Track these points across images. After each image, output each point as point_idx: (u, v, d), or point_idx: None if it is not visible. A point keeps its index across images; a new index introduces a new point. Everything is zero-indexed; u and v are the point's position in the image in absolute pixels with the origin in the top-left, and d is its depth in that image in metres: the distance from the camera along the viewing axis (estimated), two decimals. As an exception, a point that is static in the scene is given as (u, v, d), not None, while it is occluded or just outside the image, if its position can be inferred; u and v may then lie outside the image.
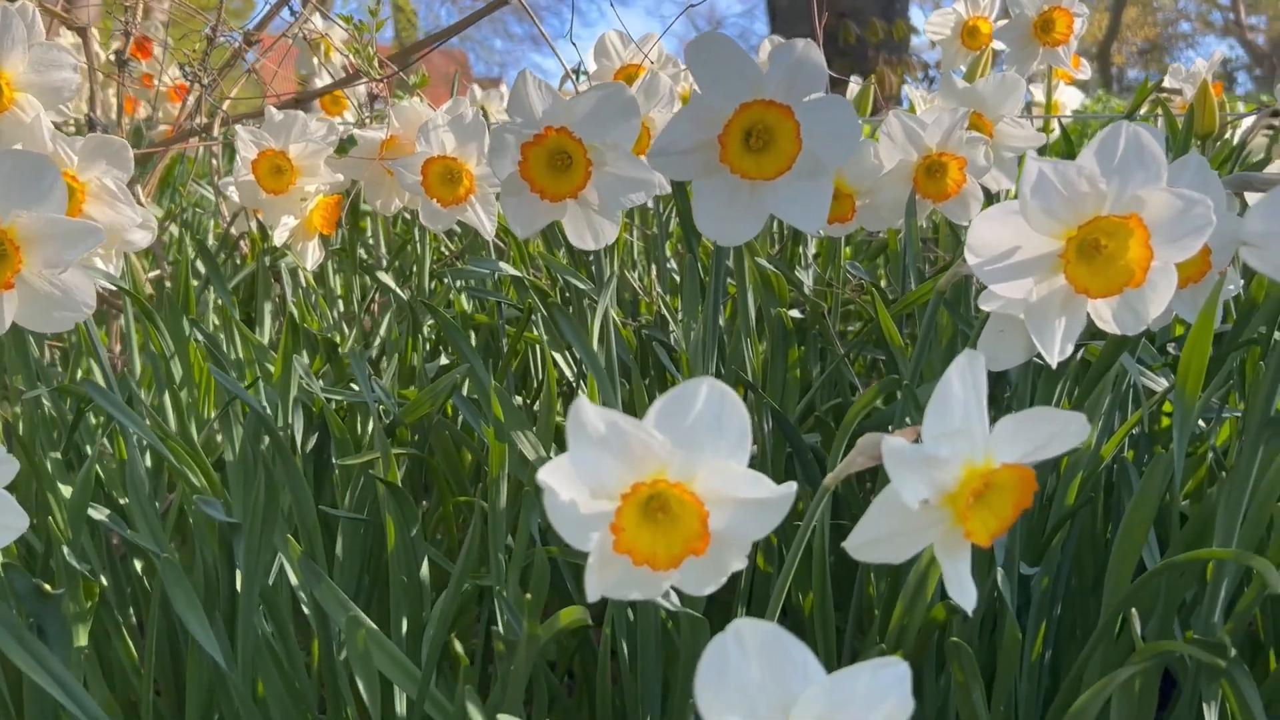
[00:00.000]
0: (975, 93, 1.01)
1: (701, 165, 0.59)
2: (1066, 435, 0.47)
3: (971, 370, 0.46)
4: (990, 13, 1.36)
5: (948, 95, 1.02)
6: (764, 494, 0.47)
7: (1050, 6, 1.13)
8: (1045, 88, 1.34)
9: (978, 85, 1.01)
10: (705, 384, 0.47)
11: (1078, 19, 1.13)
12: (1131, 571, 0.69)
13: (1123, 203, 0.55)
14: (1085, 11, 1.15)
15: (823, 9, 3.74)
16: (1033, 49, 1.15)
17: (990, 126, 1.01)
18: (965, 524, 0.44)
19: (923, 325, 0.70)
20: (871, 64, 3.66)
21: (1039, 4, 1.13)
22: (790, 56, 0.56)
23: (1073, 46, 1.16)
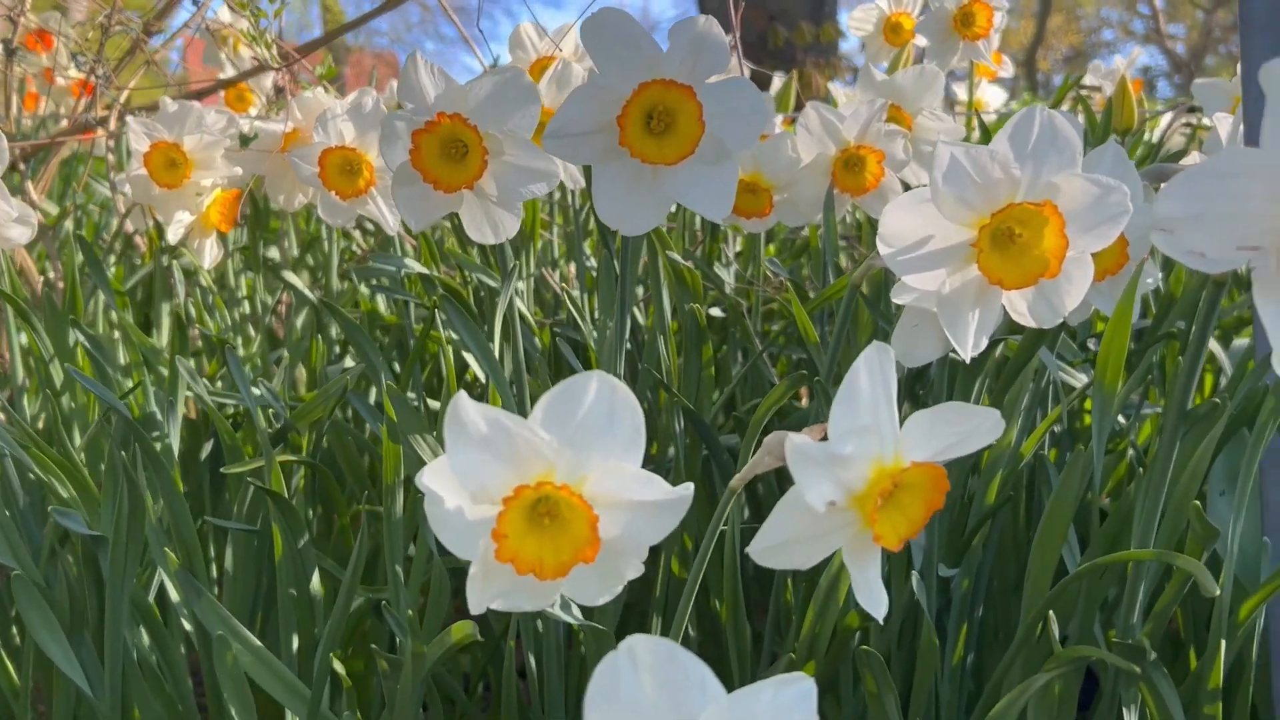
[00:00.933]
0: (894, 85, 0.99)
1: (601, 149, 0.56)
2: (980, 432, 0.44)
3: (880, 365, 0.43)
4: (913, 8, 1.35)
5: (866, 87, 1.00)
6: (658, 496, 0.44)
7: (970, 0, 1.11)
8: (968, 85, 1.33)
9: (896, 78, 0.99)
10: (595, 378, 0.44)
11: (998, 13, 1.12)
12: (1051, 573, 0.67)
13: (1037, 189, 0.52)
14: (1005, 5, 1.14)
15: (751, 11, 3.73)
16: (953, 43, 1.13)
17: (909, 120, 0.99)
18: (874, 526, 0.42)
19: (837, 321, 0.68)
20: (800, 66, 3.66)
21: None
22: (690, 33, 0.53)
23: (993, 42, 1.15)
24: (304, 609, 0.71)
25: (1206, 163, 0.40)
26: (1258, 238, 0.40)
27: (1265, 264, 0.40)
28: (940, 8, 1.13)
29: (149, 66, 1.28)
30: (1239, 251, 0.41)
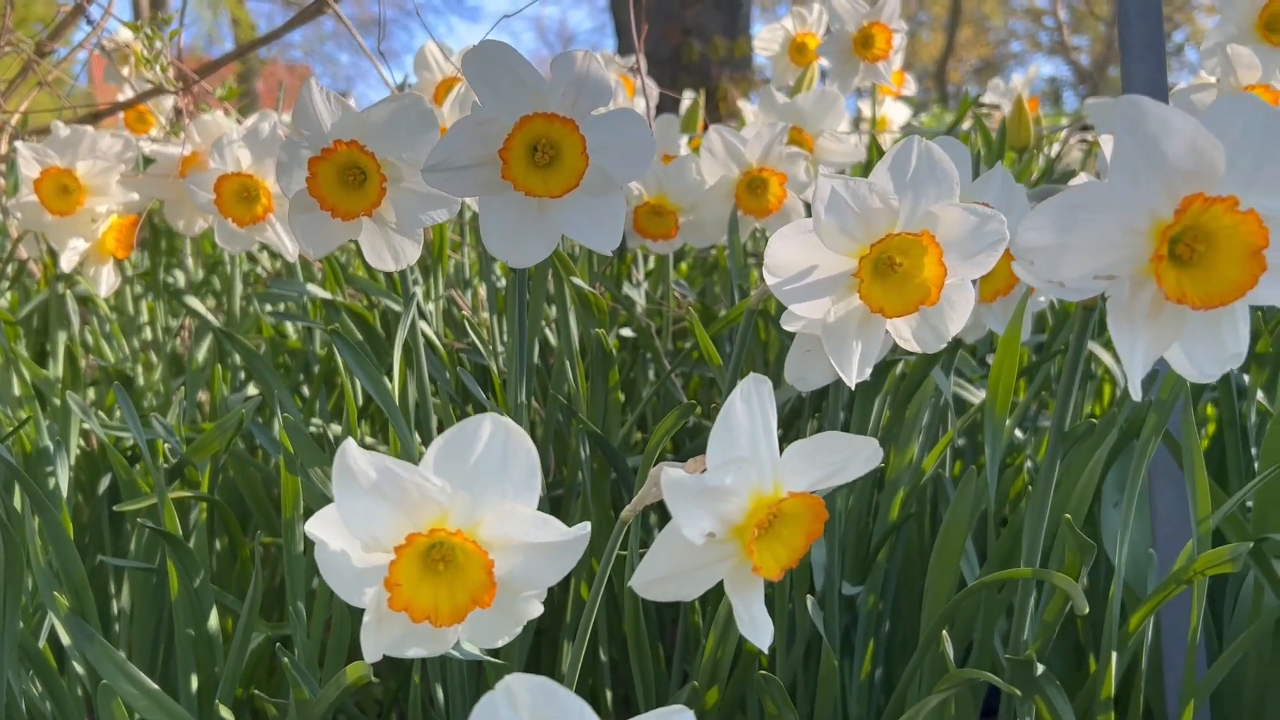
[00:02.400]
0: (795, 107, 1.01)
1: (484, 182, 0.56)
2: (859, 460, 0.45)
3: (758, 396, 0.44)
4: (818, 29, 1.37)
5: (768, 110, 1.02)
6: (554, 537, 0.44)
7: (870, 22, 1.14)
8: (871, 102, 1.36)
9: (797, 100, 1.01)
10: (488, 421, 0.44)
11: (897, 35, 1.14)
12: (949, 588, 0.69)
13: (916, 219, 0.54)
14: (904, 28, 1.16)
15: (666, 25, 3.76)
16: (854, 64, 1.16)
17: (811, 141, 1.01)
18: (753, 557, 0.42)
19: (735, 344, 0.69)
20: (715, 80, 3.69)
21: (859, 20, 1.14)
22: (571, 69, 0.54)
23: (893, 63, 1.18)
24: (203, 648, 0.70)
25: (1063, 195, 0.42)
26: (1113, 267, 0.42)
27: (1120, 293, 0.42)
28: (840, 30, 1.15)
29: (44, 87, 1.25)
30: (1096, 280, 0.42)
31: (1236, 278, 0.41)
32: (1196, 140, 0.40)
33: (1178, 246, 0.42)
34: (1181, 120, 0.40)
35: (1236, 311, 0.43)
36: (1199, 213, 0.40)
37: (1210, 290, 0.41)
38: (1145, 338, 0.42)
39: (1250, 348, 1.01)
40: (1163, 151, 0.40)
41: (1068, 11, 12.47)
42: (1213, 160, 0.40)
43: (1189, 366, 0.44)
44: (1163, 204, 0.41)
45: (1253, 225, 0.40)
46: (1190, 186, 0.40)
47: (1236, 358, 0.44)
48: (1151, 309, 0.42)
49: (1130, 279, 0.42)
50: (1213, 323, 0.43)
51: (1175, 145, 0.40)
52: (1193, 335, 0.43)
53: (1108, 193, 0.41)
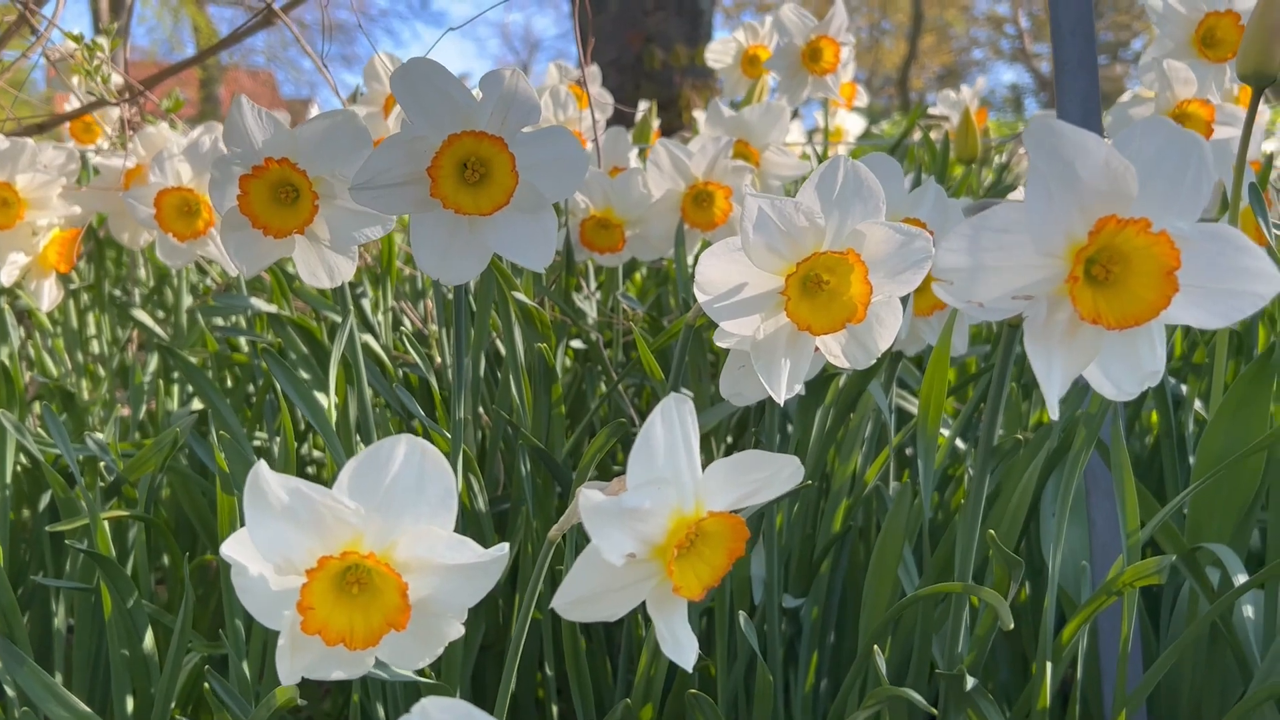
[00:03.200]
0: (742, 121, 1.01)
1: (414, 200, 0.55)
2: (780, 479, 0.45)
3: (678, 415, 0.44)
4: (769, 42, 1.38)
5: (715, 123, 1.02)
6: (471, 559, 0.44)
7: (817, 36, 1.14)
8: (824, 114, 1.37)
9: (744, 114, 1.01)
10: (403, 442, 0.43)
11: (845, 48, 1.15)
12: (887, 600, 0.69)
13: (843, 237, 0.54)
14: (851, 41, 1.17)
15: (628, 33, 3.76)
16: (802, 78, 1.16)
17: (757, 155, 1.02)
18: (673, 578, 0.42)
19: (674, 360, 0.69)
20: (678, 88, 3.70)
21: (807, 34, 1.15)
22: (499, 87, 0.54)
23: (842, 76, 1.18)
24: (138, 669, 0.69)
25: (980, 216, 0.42)
26: (1030, 288, 0.42)
27: (1037, 314, 0.42)
28: (789, 44, 1.15)
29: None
30: (1014, 301, 0.43)
31: (1150, 298, 0.42)
32: (1110, 163, 0.41)
33: (1093, 268, 0.42)
34: (1095, 143, 0.40)
35: (1153, 330, 0.44)
36: (1113, 234, 0.41)
37: (1125, 310, 0.42)
38: (1062, 358, 0.43)
39: (1188, 358, 1.03)
40: (1077, 174, 0.41)
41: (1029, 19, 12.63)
42: (1126, 182, 0.41)
43: (1108, 385, 0.44)
44: (1077, 225, 0.41)
45: (1165, 247, 0.41)
46: (1104, 208, 0.41)
47: (1154, 375, 0.44)
48: (1068, 329, 0.43)
49: (1047, 299, 0.42)
50: (1129, 342, 0.44)
51: (1089, 168, 0.41)
52: (1110, 354, 0.44)
53: (1023, 214, 0.41)
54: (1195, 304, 0.42)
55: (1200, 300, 0.42)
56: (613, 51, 4.11)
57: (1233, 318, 0.42)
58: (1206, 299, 0.42)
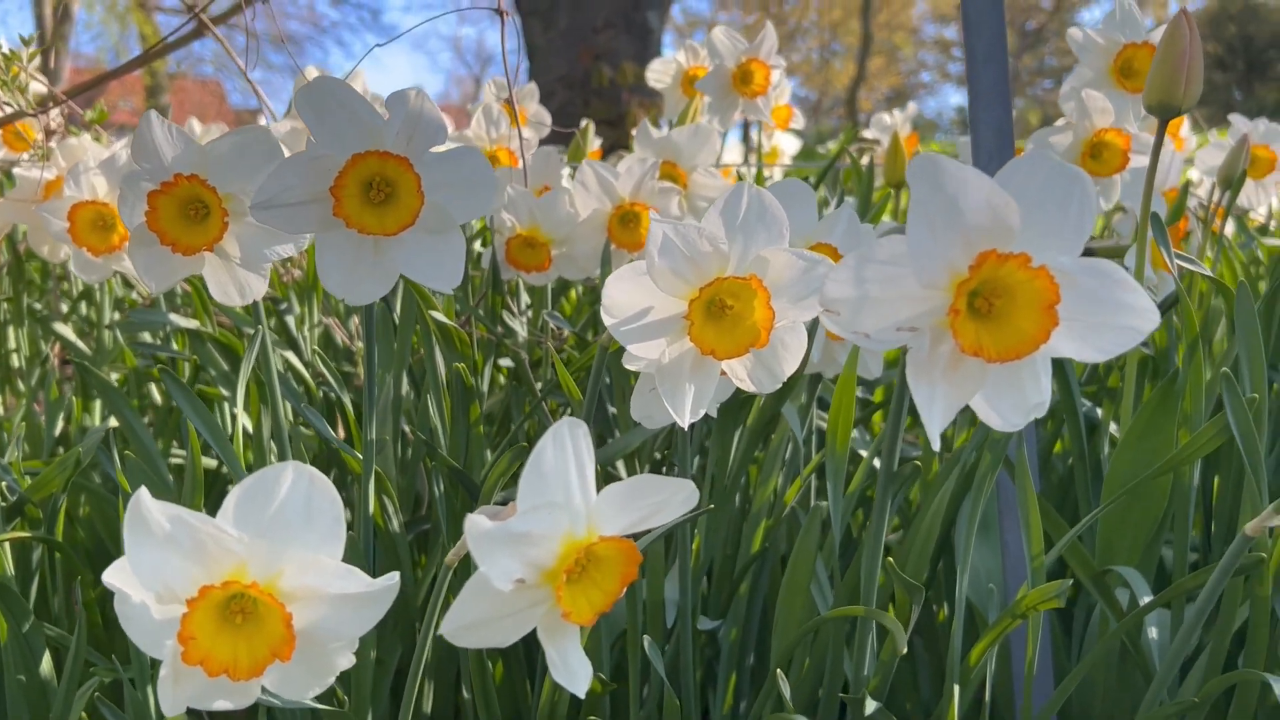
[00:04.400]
0: (670, 142, 1.02)
1: (318, 219, 0.55)
2: (675, 503, 0.45)
3: (571, 438, 0.43)
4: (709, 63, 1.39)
5: (644, 144, 1.02)
6: (359, 589, 0.43)
7: (748, 59, 1.15)
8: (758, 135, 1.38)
9: (672, 135, 1.02)
10: (290, 469, 0.43)
11: (775, 71, 1.16)
12: (799, 621, 0.70)
13: (747, 263, 0.54)
14: (782, 64, 1.18)
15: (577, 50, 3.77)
16: (733, 100, 1.17)
17: (685, 176, 1.02)
18: (562, 604, 0.42)
19: (590, 379, 0.69)
20: (626, 106, 3.72)
21: (737, 56, 1.16)
22: (405, 108, 0.53)
23: (776, 98, 1.19)
24: (35, 694, 0.67)
25: (868, 249, 0.43)
26: (914, 320, 0.43)
27: (920, 345, 0.43)
28: (720, 66, 1.16)
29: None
30: (899, 332, 0.43)
31: (1031, 331, 0.42)
32: (991, 198, 0.41)
33: (976, 300, 0.43)
34: (977, 178, 0.41)
35: (1037, 363, 0.44)
36: (994, 268, 0.42)
37: (1006, 344, 0.42)
38: (944, 390, 0.43)
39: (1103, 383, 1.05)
40: (959, 208, 0.41)
41: (977, 43, 12.82)
42: (1007, 217, 0.42)
43: (994, 416, 0.45)
44: (959, 259, 0.42)
45: (1045, 281, 0.42)
46: (986, 242, 0.42)
47: (1039, 407, 0.45)
48: (950, 362, 0.43)
49: (931, 331, 0.43)
50: (1014, 374, 0.44)
51: (971, 202, 0.41)
52: (995, 386, 0.44)
53: (907, 247, 0.42)
54: (1077, 337, 0.43)
55: (1082, 334, 0.43)
56: (562, 68, 4.12)
57: (1112, 352, 0.43)
58: (1088, 333, 0.43)
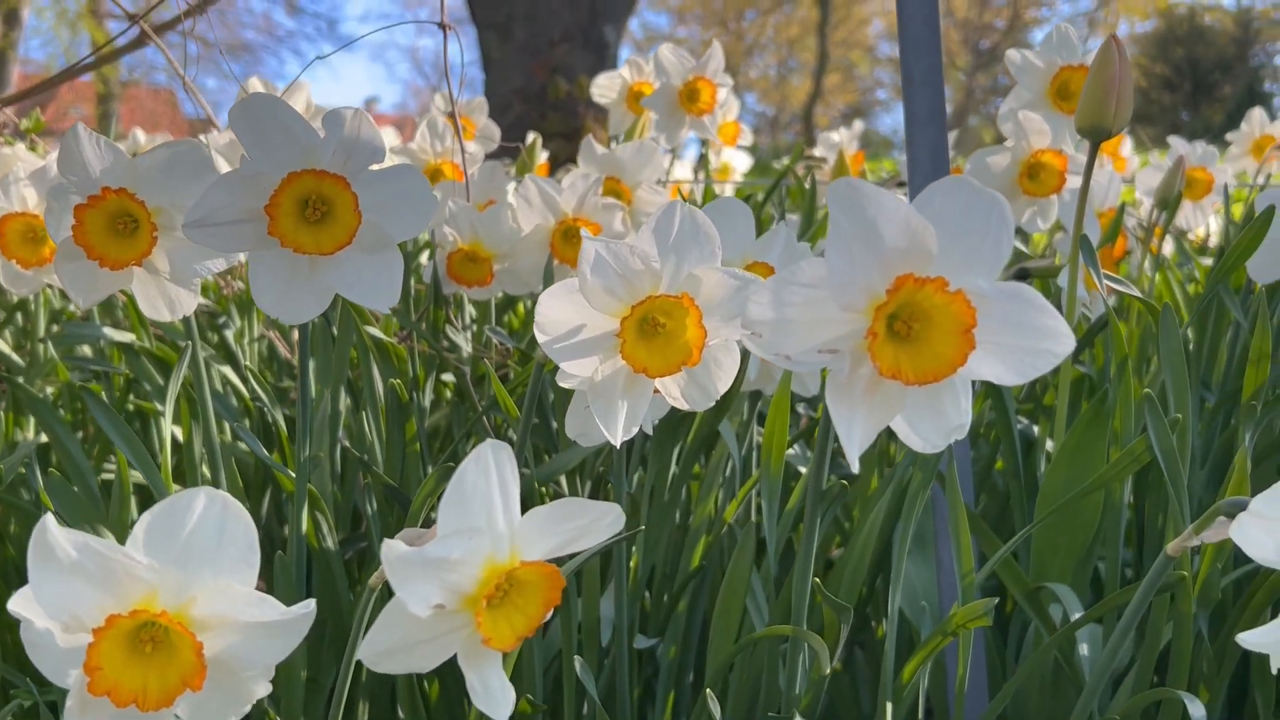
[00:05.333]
0: (614, 159, 1.02)
1: (252, 238, 0.54)
2: (600, 526, 0.45)
3: (494, 461, 0.43)
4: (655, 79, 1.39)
5: (588, 160, 1.03)
6: (273, 617, 0.43)
7: (695, 76, 1.16)
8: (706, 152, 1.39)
9: (617, 151, 1.02)
10: (202, 495, 0.42)
11: (722, 89, 1.17)
12: (732, 639, 0.70)
13: (679, 282, 0.54)
14: (729, 83, 1.19)
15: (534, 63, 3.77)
16: (680, 117, 1.18)
17: (629, 193, 1.02)
18: (482, 629, 0.42)
19: (526, 397, 0.68)
20: (582, 119, 3.73)
21: (684, 74, 1.17)
22: (341, 127, 0.53)
23: (719, 116, 1.20)
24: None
25: (786, 271, 0.43)
26: (835, 343, 0.43)
27: (840, 368, 0.43)
28: (666, 84, 1.17)
29: None
30: (820, 355, 0.43)
31: (948, 354, 0.43)
32: (910, 222, 0.42)
33: (895, 323, 0.43)
34: (895, 203, 0.42)
35: (956, 385, 0.45)
36: (912, 292, 0.42)
37: (924, 367, 0.43)
38: (864, 412, 0.44)
39: (1039, 401, 1.06)
40: (879, 232, 0.42)
41: (931, 61, 13.01)
42: (925, 241, 0.42)
43: (915, 438, 0.45)
44: (878, 283, 0.42)
45: (962, 305, 0.42)
46: (904, 266, 0.42)
47: (960, 429, 0.45)
48: (870, 384, 0.43)
49: (851, 354, 0.43)
50: (934, 396, 0.45)
51: (890, 226, 0.42)
52: (915, 408, 0.45)
53: (826, 270, 0.42)
54: (996, 360, 0.44)
55: (1000, 357, 0.44)
56: (518, 81, 4.12)
57: (1029, 375, 0.44)
58: (1006, 355, 0.44)
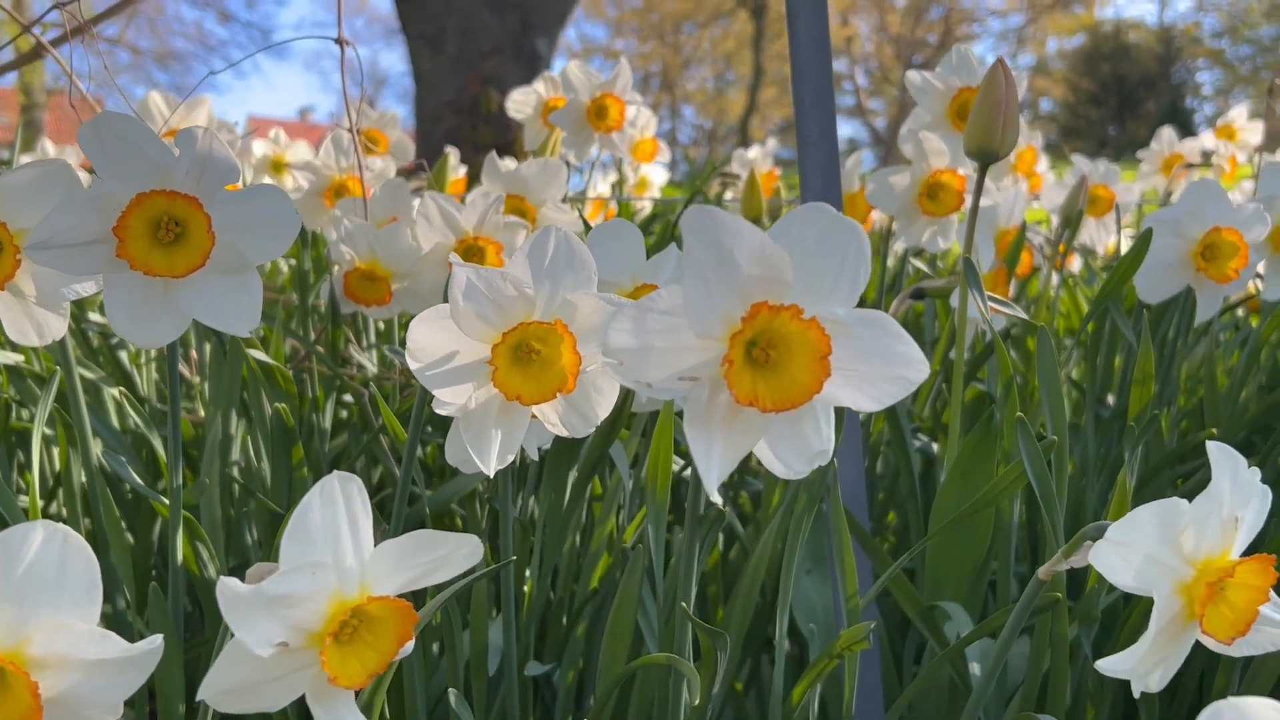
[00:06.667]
0: (518, 176, 1.01)
1: (103, 260, 0.53)
2: (455, 559, 0.45)
3: (341, 494, 0.42)
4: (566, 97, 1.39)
5: (492, 178, 1.02)
6: (115, 654, 0.41)
7: (603, 93, 1.16)
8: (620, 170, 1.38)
9: (521, 169, 1.01)
10: (40, 528, 0.41)
11: (630, 106, 1.17)
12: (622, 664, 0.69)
13: (554, 308, 0.54)
14: (639, 100, 1.19)
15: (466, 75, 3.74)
16: (588, 134, 1.17)
17: (534, 211, 1.01)
18: (327, 668, 0.41)
19: (411, 423, 0.67)
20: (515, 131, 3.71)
21: (592, 90, 1.16)
22: (193, 147, 0.52)
23: (629, 134, 1.20)
24: None
25: (648, 299, 0.43)
26: (695, 370, 0.43)
27: (699, 396, 0.43)
28: (574, 100, 1.16)
29: None
30: (681, 382, 0.43)
31: (805, 381, 0.43)
32: (765, 250, 0.42)
33: (754, 351, 0.43)
34: (750, 230, 0.41)
35: (818, 411, 0.45)
36: (768, 320, 0.42)
37: (781, 394, 0.43)
38: (723, 440, 0.43)
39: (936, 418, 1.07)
40: (734, 260, 0.41)
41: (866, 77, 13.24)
42: (781, 269, 0.42)
43: (778, 464, 0.45)
44: (735, 310, 0.42)
45: (817, 332, 0.42)
46: (761, 294, 0.42)
47: (823, 455, 0.45)
48: (729, 412, 0.43)
49: (710, 382, 0.43)
50: (795, 423, 0.45)
51: (745, 254, 0.41)
52: (777, 435, 0.45)
53: (683, 298, 0.42)
54: (853, 386, 0.44)
55: (857, 383, 0.44)
56: (450, 93, 4.09)
57: (886, 401, 0.44)
58: (863, 382, 0.44)
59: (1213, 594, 0.47)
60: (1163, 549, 0.47)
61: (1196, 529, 0.47)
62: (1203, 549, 0.47)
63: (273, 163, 1.64)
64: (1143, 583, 0.47)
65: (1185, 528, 0.47)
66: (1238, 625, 0.48)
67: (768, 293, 0.42)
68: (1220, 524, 0.47)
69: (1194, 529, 0.47)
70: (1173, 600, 0.47)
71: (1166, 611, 0.47)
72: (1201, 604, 0.46)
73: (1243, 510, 0.48)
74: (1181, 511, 0.47)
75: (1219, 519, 0.47)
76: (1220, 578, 0.46)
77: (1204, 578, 0.47)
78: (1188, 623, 0.48)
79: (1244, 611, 0.48)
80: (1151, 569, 0.47)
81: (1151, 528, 0.47)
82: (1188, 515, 0.47)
